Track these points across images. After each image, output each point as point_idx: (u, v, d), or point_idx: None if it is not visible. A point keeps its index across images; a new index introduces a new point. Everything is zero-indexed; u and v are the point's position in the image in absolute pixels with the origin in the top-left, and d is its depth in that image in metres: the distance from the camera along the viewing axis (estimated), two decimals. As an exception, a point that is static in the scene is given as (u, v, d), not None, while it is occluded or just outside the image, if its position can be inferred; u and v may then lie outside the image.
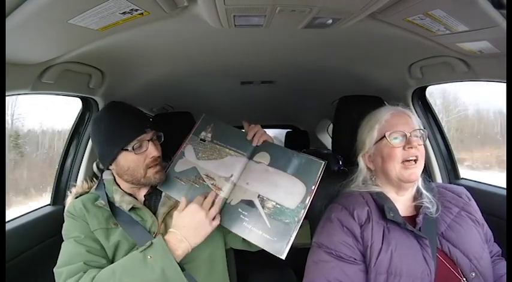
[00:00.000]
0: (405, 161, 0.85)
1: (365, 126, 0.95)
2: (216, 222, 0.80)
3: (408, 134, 0.85)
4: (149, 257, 0.73)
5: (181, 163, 0.92)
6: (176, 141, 0.96)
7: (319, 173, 0.80)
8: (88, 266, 0.77)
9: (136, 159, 0.85)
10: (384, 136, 0.87)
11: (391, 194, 0.89)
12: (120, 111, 0.88)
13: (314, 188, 0.79)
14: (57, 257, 0.80)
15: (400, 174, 0.85)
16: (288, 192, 0.80)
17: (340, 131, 1.17)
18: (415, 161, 0.85)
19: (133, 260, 0.75)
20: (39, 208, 1.29)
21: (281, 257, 0.75)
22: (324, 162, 0.81)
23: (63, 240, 0.84)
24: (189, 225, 0.77)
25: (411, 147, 0.84)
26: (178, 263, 0.74)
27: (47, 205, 1.33)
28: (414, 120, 0.90)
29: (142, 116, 0.92)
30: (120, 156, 0.85)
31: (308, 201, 0.78)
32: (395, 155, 0.85)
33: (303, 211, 0.77)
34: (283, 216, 0.78)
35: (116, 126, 0.85)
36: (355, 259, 0.80)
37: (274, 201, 0.79)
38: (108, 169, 0.92)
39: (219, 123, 0.95)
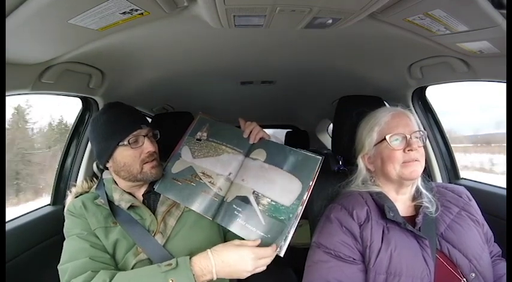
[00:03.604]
0: (406, 161, 0.85)
1: (364, 127, 0.94)
2: (250, 274, 0.74)
3: (408, 136, 0.85)
4: (170, 281, 0.69)
5: (177, 164, 0.92)
6: (176, 142, 0.96)
7: (316, 169, 0.79)
8: (93, 261, 0.77)
9: (132, 154, 0.85)
10: (384, 138, 0.86)
11: (391, 193, 0.89)
12: (116, 110, 0.89)
13: (312, 184, 0.77)
14: (58, 257, 0.80)
15: (401, 172, 0.85)
16: (284, 190, 0.79)
17: (340, 131, 1.17)
18: (417, 160, 0.84)
19: (153, 278, 0.71)
20: (39, 208, 1.29)
21: (279, 254, 0.74)
22: (321, 158, 0.80)
23: (63, 240, 0.84)
24: (229, 264, 0.72)
25: (411, 150, 0.84)
26: None
27: (47, 205, 1.33)
28: (414, 121, 0.90)
29: (137, 113, 0.93)
30: (116, 151, 0.85)
31: (305, 197, 0.76)
32: (396, 158, 0.85)
33: (300, 208, 0.76)
34: (277, 214, 0.77)
35: (112, 123, 0.86)
36: (354, 259, 0.80)
37: (269, 198, 0.79)
38: (106, 168, 0.92)
39: (215, 123, 0.95)
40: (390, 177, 0.87)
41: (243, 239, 0.79)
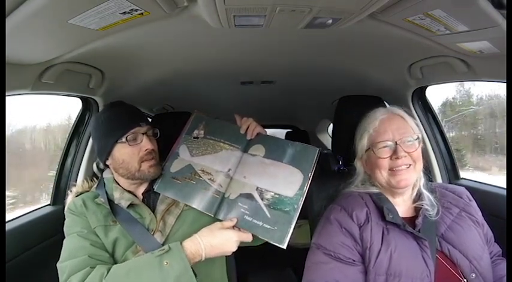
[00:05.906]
0: (394, 168, 0.84)
1: (358, 131, 0.94)
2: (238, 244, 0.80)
3: (398, 142, 0.83)
4: (165, 263, 0.73)
5: (176, 163, 0.92)
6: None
7: (315, 159, 0.81)
8: (92, 259, 0.77)
9: (131, 151, 0.86)
10: (371, 146, 0.86)
11: (388, 196, 0.89)
12: (117, 108, 0.91)
13: (311, 175, 0.80)
14: (58, 257, 0.80)
15: (388, 180, 0.85)
16: (286, 182, 0.81)
17: (340, 131, 1.17)
18: (407, 166, 0.83)
19: (148, 264, 0.74)
20: (39, 208, 1.29)
21: (282, 247, 0.75)
22: (318, 149, 0.82)
23: (63, 240, 0.84)
24: (217, 246, 0.77)
25: (398, 158, 0.83)
26: (193, 270, 0.74)
27: (47, 205, 1.33)
28: (409, 122, 0.88)
29: (138, 112, 0.94)
30: (115, 148, 0.87)
31: (306, 188, 0.78)
32: (382, 165, 0.85)
33: (301, 198, 0.78)
34: (282, 205, 0.78)
35: (112, 121, 0.87)
36: (354, 260, 0.80)
37: (273, 192, 0.80)
38: (106, 165, 0.93)
39: (211, 121, 0.95)
40: (380, 183, 0.87)
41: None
